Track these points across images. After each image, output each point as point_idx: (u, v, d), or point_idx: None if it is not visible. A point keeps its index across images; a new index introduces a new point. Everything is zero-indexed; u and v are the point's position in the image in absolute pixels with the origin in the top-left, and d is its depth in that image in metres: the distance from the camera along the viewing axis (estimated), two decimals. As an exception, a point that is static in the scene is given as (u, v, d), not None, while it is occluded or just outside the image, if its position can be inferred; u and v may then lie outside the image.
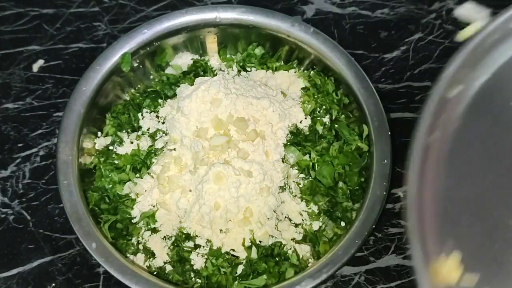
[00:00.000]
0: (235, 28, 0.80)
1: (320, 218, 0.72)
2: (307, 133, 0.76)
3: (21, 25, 0.92)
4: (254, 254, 0.69)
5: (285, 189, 0.73)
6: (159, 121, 0.78)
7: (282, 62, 0.82)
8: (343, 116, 0.77)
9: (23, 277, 0.74)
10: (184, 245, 0.70)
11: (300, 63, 0.81)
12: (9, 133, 0.83)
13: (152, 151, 0.75)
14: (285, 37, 0.78)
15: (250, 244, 0.70)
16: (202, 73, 0.81)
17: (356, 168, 0.73)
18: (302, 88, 0.79)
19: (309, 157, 0.74)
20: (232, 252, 0.70)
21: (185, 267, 0.70)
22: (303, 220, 0.72)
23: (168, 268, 0.70)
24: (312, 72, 0.80)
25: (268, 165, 0.71)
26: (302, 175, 0.74)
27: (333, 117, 0.77)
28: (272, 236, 0.71)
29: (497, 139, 0.57)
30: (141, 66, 0.80)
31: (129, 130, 0.78)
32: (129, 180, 0.74)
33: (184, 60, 0.83)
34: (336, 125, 0.76)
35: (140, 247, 0.71)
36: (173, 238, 0.71)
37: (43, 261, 0.75)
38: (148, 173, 0.74)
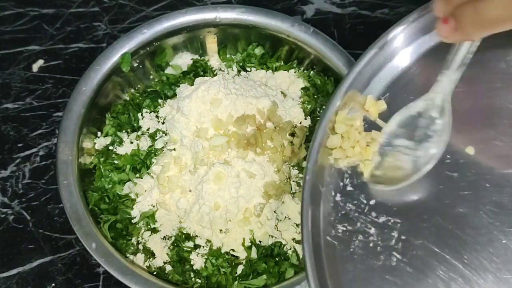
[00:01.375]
0: (235, 28, 0.80)
1: (320, 218, 0.72)
2: (307, 133, 0.76)
3: (21, 25, 0.92)
4: (254, 254, 0.70)
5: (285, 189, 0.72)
6: (159, 121, 0.78)
7: (282, 62, 0.82)
8: (343, 116, 0.77)
9: (23, 277, 0.74)
10: (184, 245, 0.70)
11: (300, 63, 0.81)
12: (9, 133, 0.83)
13: (152, 151, 0.75)
14: (285, 37, 0.78)
15: (250, 244, 0.70)
16: (202, 73, 0.81)
17: (356, 168, 0.73)
18: (302, 88, 0.80)
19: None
20: (232, 252, 0.70)
21: (185, 267, 0.70)
22: (303, 220, 0.72)
23: (168, 268, 0.70)
24: (312, 72, 0.80)
25: (268, 165, 0.71)
26: (302, 175, 0.74)
27: (333, 117, 0.77)
28: (272, 236, 0.71)
29: None
30: (141, 66, 0.80)
31: (129, 130, 0.78)
32: (129, 180, 0.74)
33: (184, 60, 0.83)
34: (336, 125, 0.76)
35: (140, 247, 0.71)
36: (173, 238, 0.71)
37: (43, 261, 0.75)
38: (148, 173, 0.74)
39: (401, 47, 0.61)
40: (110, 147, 0.77)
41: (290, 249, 0.71)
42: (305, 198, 0.56)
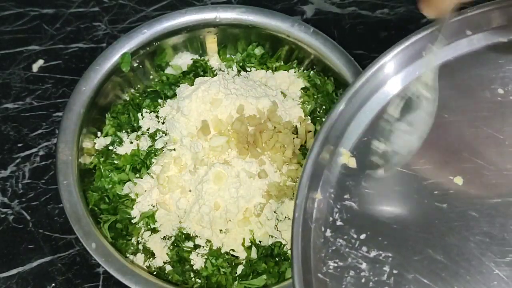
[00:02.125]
0: (235, 28, 0.80)
1: (320, 218, 0.72)
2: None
3: (21, 25, 0.92)
4: (254, 254, 0.69)
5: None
6: (159, 121, 0.78)
7: (282, 62, 0.82)
8: (343, 116, 0.77)
9: (23, 277, 0.74)
10: (184, 245, 0.70)
11: (300, 63, 0.81)
12: (9, 133, 0.83)
13: (152, 151, 0.75)
14: (285, 37, 0.78)
15: (250, 244, 0.70)
16: (202, 73, 0.81)
17: (356, 168, 0.73)
18: (302, 88, 0.80)
19: (309, 157, 0.74)
20: (232, 252, 0.70)
21: (184, 267, 0.70)
22: (303, 220, 0.72)
23: (168, 268, 0.70)
24: (312, 72, 0.80)
25: (268, 165, 0.71)
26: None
27: (333, 117, 0.77)
28: (272, 236, 0.70)
29: None
30: (141, 66, 0.80)
31: (128, 130, 0.78)
32: (129, 180, 0.74)
33: (184, 60, 0.83)
34: (336, 125, 0.76)
35: (140, 247, 0.71)
36: (172, 238, 0.71)
37: (43, 261, 0.75)
38: (148, 173, 0.74)
39: (390, 75, 0.60)
40: (110, 147, 0.77)
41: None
42: (295, 235, 0.55)
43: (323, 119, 0.77)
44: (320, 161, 0.57)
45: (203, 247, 0.70)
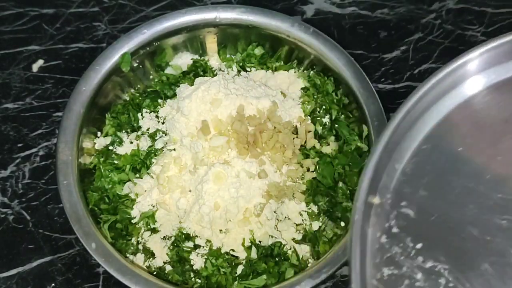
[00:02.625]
0: (235, 28, 0.80)
1: (320, 218, 0.72)
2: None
3: (21, 25, 0.92)
4: (254, 254, 0.69)
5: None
6: (159, 121, 0.78)
7: (282, 62, 0.82)
8: (343, 116, 0.77)
9: (23, 277, 0.74)
10: (183, 245, 0.70)
11: (299, 63, 0.81)
12: (9, 133, 0.83)
13: (152, 151, 0.75)
14: (285, 37, 0.78)
15: (250, 244, 0.70)
16: (202, 73, 0.81)
17: (356, 168, 0.73)
18: (302, 88, 0.79)
19: (309, 157, 0.74)
20: (232, 252, 0.70)
21: (184, 267, 0.70)
22: (303, 220, 0.72)
23: (168, 268, 0.70)
24: (311, 72, 0.80)
25: (268, 165, 0.71)
26: (302, 176, 0.74)
27: (333, 117, 0.77)
28: (272, 236, 0.71)
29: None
30: (141, 66, 0.80)
31: (128, 130, 0.78)
32: (129, 180, 0.74)
33: (184, 60, 0.83)
34: (336, 125, 0.76)
35: (140, 247, 0.71)
36: (172, 238, 0.71)
37: (43, 261, 0.75)
38: (148, 173, 0.74)
39: (470, 74, 0.59)
40: (110, 147, 0.76)
41: (290, 249, 0.71)
42: (354, 238, 0.54)
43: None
44: (380, 165, 0.56)
45: (203, 247, 0.70)
